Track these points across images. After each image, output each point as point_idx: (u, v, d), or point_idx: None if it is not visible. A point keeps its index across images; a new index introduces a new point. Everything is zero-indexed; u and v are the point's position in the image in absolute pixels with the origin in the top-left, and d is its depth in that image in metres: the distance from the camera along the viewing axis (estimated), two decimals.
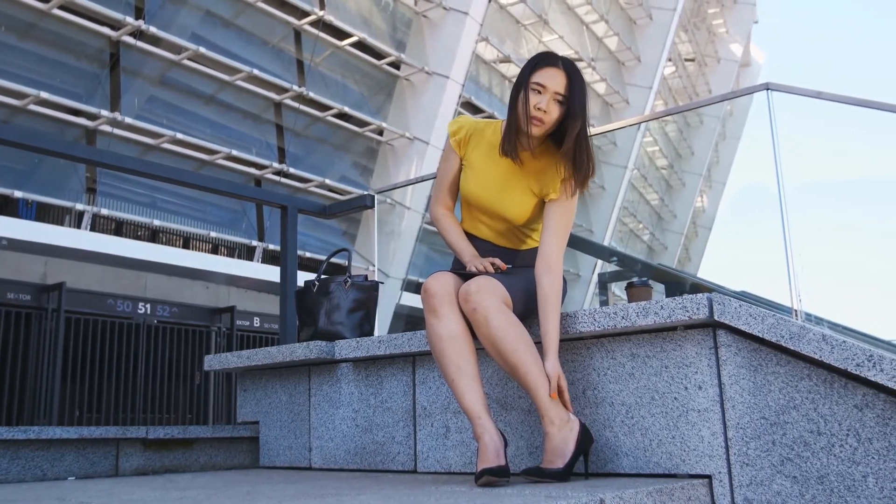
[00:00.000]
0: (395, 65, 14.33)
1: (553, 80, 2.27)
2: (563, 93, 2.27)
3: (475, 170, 2.48)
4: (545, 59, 2.30)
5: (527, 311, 2.33)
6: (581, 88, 2.29)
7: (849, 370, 1.91)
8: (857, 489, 1.91)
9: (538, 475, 2.10)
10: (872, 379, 1.88)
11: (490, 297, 2.19)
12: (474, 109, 15.93)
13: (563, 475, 2.10)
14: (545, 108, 2.26)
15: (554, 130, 2.33)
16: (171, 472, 3.19)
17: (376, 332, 3.33)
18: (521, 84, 2.30)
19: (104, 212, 10.15)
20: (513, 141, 2.36)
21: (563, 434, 2.13)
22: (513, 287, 2.28)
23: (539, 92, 2.27)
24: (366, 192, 4.82)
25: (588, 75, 20.34)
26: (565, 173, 2.34)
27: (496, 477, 2.04)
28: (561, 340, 2.41)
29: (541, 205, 2.43)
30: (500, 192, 2.43)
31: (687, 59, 27.59)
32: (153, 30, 10.63)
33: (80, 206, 9.89)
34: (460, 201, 2.58)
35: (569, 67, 2.29)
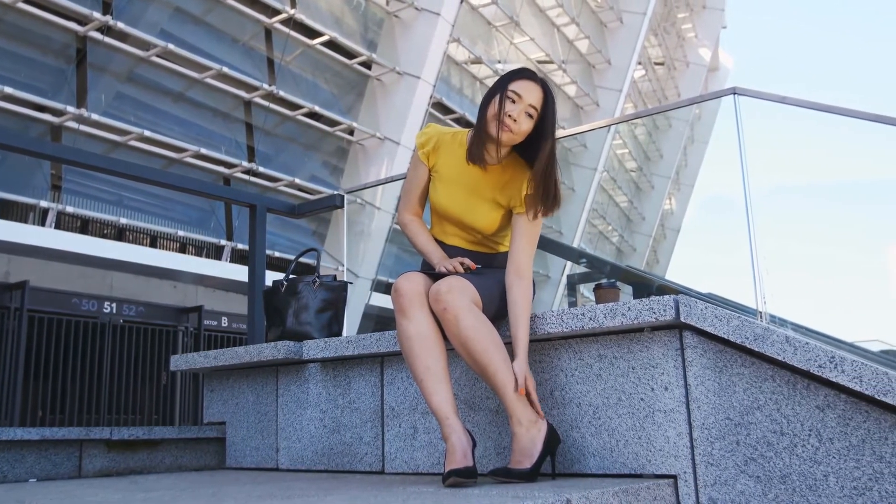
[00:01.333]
0: (367, 64, 14.29)
1: (530, 92, 2.28)
2: (536, 107, 2.28)
3: (443, 181, 2.48)
4: (525, 73, 2.31)
5: (497, 311, 2.34)
6: (554, 110, 2.30)
7: (811, 371, 1.94)
8: (819, 488, 1.93)
9: (506, 476, 2.11)
10: (834, 380, 1.91)
11: (460, 297, 2.19)
12: (445, 110, 15.94)
13: (531, 475, 2.11)
14: (516, 117, 2.27)
15: (521, 144, 2.34)
16: (135, 473, 3.15)
17: (345, 333, 3.32)
18: (497, 90, 2.30)
19: (69, 209, 10.00)
20: (480, 148, 2.36)
21: (530, 434, 2.14)
22: (483, 287, 2.29)
23: (513, 101, 2.27)
24: (335, 192, 4.80)
25: (558, 77, 20.46)
26: (531, 191, 2.34)
27: (463, 478, 2.04)
28: (530, 341, 2.43)
29: (508, 215, 2.45)
30: (468, 204, 2.44)
31: (656, 63, 27.84)
32: (121, 25, 10.49)
33: (44, 204, 9.74)
34: (430, 209, 2.59)
35: (545, 87, 2.31)
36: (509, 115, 2.27)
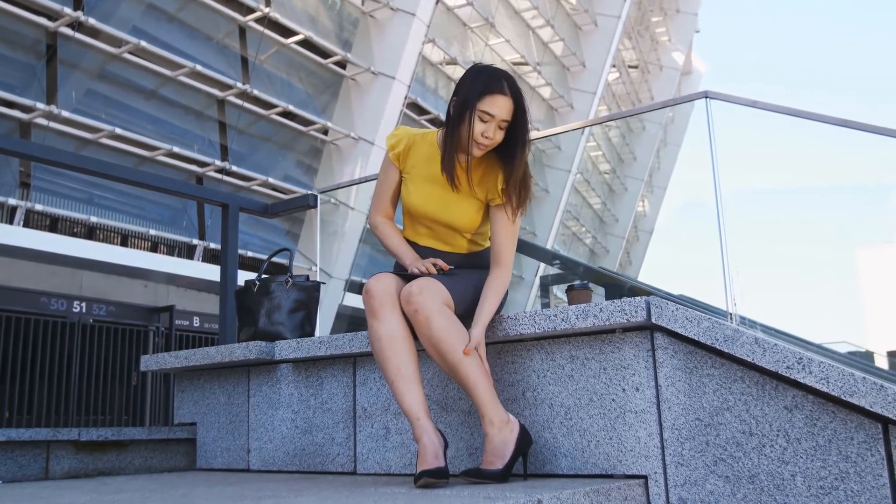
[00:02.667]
0: (341, 64, 14.24)
1: (501, 109, 2.25)
2: (508, 119, 2.27)
3: (416, 182, 2.48)
4: (493, 86, 2.25)
5: (468, 312, 2.33)
6: (525, 115, 2.30)
7: (779, 372, 1.96)
8: (786, 488, 1.96)
9: (477, 476, 2.11)
10: (802, 381, 1.93)
11: (432, 298, 2.19)
12: (420, 111, 15.94)
13: (503, 476, 2.11)
14: (490, 135, 2.27)
15: (500, 161, 2.35)
16: (104, 474, 3.12)
17: (318, 333, 3.31)
18: (468, 108, 2.25)
19: (38, 207, 9.87)
20: (452, 160, 2.34)
21: (502, 435, 2.14)
22: (455, 288, 2.29)
23: (484, 121, 2.25)
24: (309, 192, 4.77)
25: (533, 79, 20.53)
26: (506, 186, 2.34)
27: (435, 478, 2.04)
28: (501, 342, 2.44)
29: (486, 208, 2.44)
30: (443, 202, 2.43)
31: (630, 66, 28.02)
32: (92, 21, 10.37)
33: (12, 201, 9.59)
34: (402, 211, 2.58)
35: (514, 93, 2.27)
36: (484, 136, 2.26)
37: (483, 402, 2.15)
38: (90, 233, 10.65)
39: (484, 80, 2.26)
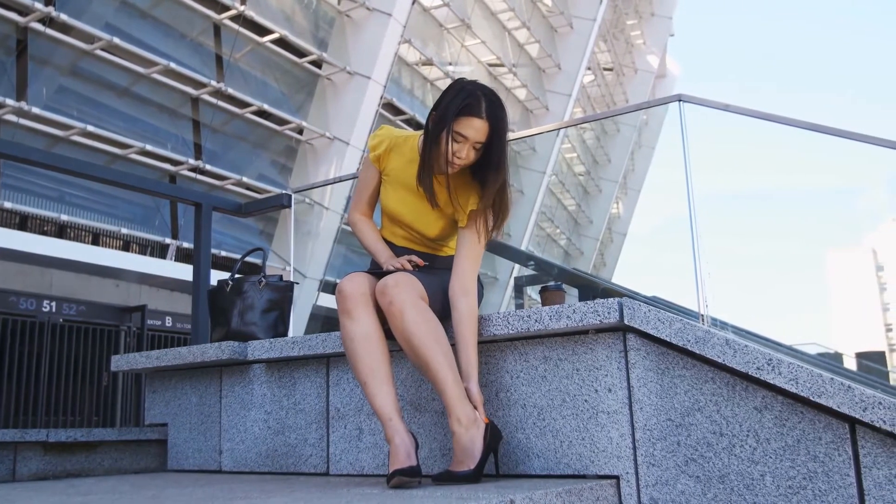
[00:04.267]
0: (317, 63, 14.19)
1: (476, 132, 2.23)
2: (482, 141, 2.25)
3: (394, 185, 2.49)
4: (471, 108, 2.22)
5: (443, 309, 2.34)
6: (502, 135, 2.26)
7: (750, 373, 1.98)
8: (756, 487, 1.98)
9: (449, 479, 2.11)
10: (771, 382, 1.95)
11: (407, 291, 2.19)
12: (395, 111, 15.92)
13: (474, 476, 2.11)
14: (464, 156, 2.26)
15: (477, 178, 2.34)
16: (72, 476, 3.08)
17: (291, 333, 3.29)
18: (443, 125, 2.24)
19: (7, 205, 9.73)
20: (430, 176, 2.33)
21: (470, 434, 2.13)
22: (430, 285, 2.30)
23: (458, 141, 2.24)
24: (283, 192, 4.75)
25: (509, 81, 20.59)
26: (476, 207, 2.33)
27: (407, 477, 2.04)
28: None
29: (454, 221, 2.44)
30: (418, 212, 2.45)
31: (605, 69, 28.19)
32: (64, 17, 10.24)
33: None
34: (380, 211, 2.59)
35: (492, 116, 2.24)
36: (457, 156, 2.26)
37: (451, 399, 2.13)
38: (61, 231, 10.52)
39: (462, 99, 2.24)
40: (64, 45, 10.55)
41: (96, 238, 10.97)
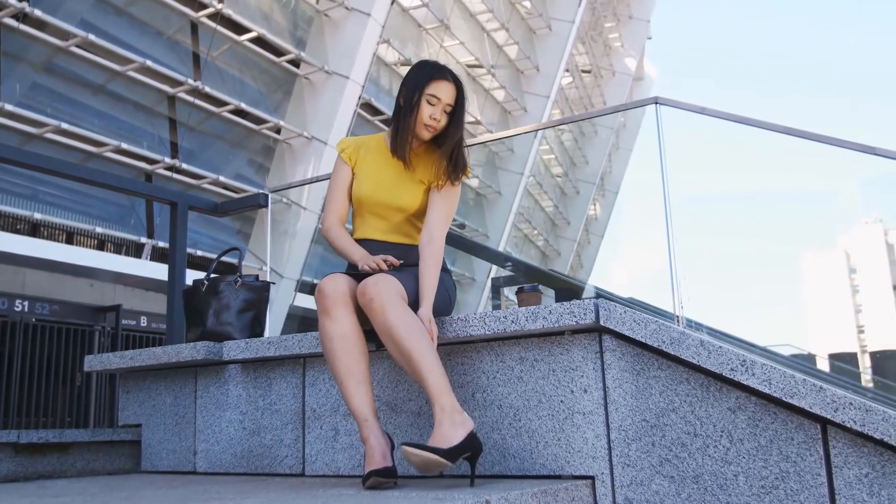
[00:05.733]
0: (295, 63, 14.13)
1: (446, 93, 2.48)
2: (452, 104, 2.50)
3: (367, 173, 2.61)
4: (439, 72, 2.51)
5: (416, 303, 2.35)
6: (464, 102, 2.54)
7: (724, 374, 2.00)
8: (729, 487, 2.00)
9: (420, 448, 2.00)
10: (745, 383, 1.97)
11: (387, 289, 2.22)
12: (373, 111, 15.89)
13: (449, 454, 2.00)
14: (438, 117, 2.49)
15: (441, 140, 2.54)
16: (44, 478, 3.04)
17: (268, 334, 3.27)
18: (417, 91, 2.48)
19: None
20: (404, 142, 2.53)
21: (453, 420, 2.05)
22: (408, 284, 2.32)
23: (432, 104, 2.47)
24: (260, 191, 4.73)
25: (487, 82, 20.61)
26: (446, 167, 2.53)
27: (383, 478, 2.04)
28: (451, 343, 2.45)
29: (427, 191, 2.58)
30: (394, 187, 2.56)
31: (583, 71, 28.31)
32: (38, 13, 10.12)
33: None
34: (352, 213, 2.67)
35: (457, 81, 2.52)
36: (433, 118, 2.48)
37: (436, 388, 2.09)
38: (34, 229, 10.39)
39: (430, 69, 2.52)
40: (38, 41, 10.42)
41: (70, 237, 10.85)
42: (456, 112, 2.52)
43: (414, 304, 2.30)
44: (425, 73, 2.50)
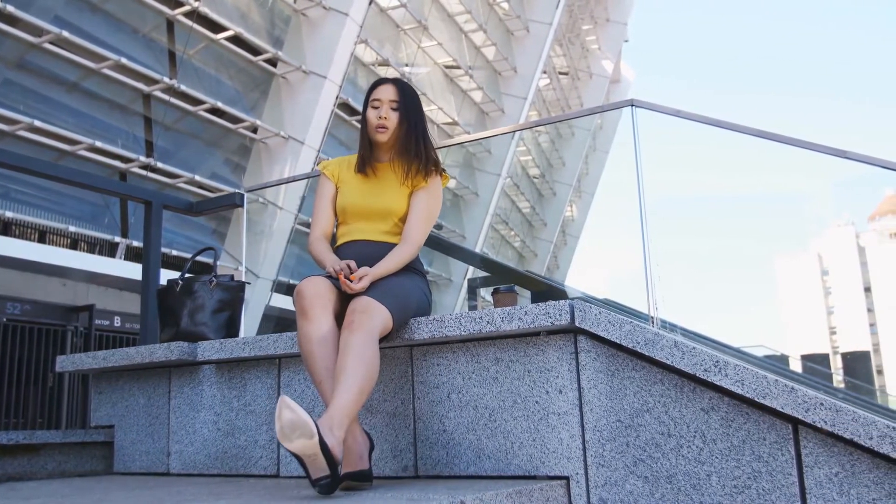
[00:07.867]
0: (272, 62, 14.05)
1: (385, 92, 2.61)
2: (396, 99, 2.60)
3: (351, 185, 2.67)
4: (378, 81, 2.68)
5: (403, 322, 2.38)
6: (411, 95, 2.65)
7: (697, 375, 2.02)
8: (702, 487, 2.01)
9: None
10: (718, 383, 1.99)
11: (371, 320, 2.19)
12: (351, 111, 15.84)
13: (320, 438, 1.93)
14: (385, 115, 2.58)
15: (401, 141, 2.61)
16: (13, 480, 3.00)
17: (243, 334, 3.26)
18: (364, 106, 2.66)
19: None
20: (367, 155, 2.64)
21: (332, 428, 1.98)
22: (393, 305, 2.29)
23: (376, 107, 2.60)
24: (236, 191, 4.70)
25: (465, 83, 20.62)
26: (416, 162, 2.59)
27: (357, 481, 2.04)
28: (427, 344, 2.45)
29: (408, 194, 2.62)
30: (379, 194, 2.60)
31: (561, 73, 28.41)
32: (10, 9, 9.98)
33: None
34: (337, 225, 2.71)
35: (398, 82, 2.67)
36: (380, 118, 2.58)
37: (342, 410, 2.02)
38: (5, 228, 10.25)
39: (372, 84, 2.69)
40: (11, 37, 10.29)
41: (43, 235, 10.71)
42: (404, 107, 2.60)
43: (398, 323, 2.32)
44: (369, 88, 2.66)
